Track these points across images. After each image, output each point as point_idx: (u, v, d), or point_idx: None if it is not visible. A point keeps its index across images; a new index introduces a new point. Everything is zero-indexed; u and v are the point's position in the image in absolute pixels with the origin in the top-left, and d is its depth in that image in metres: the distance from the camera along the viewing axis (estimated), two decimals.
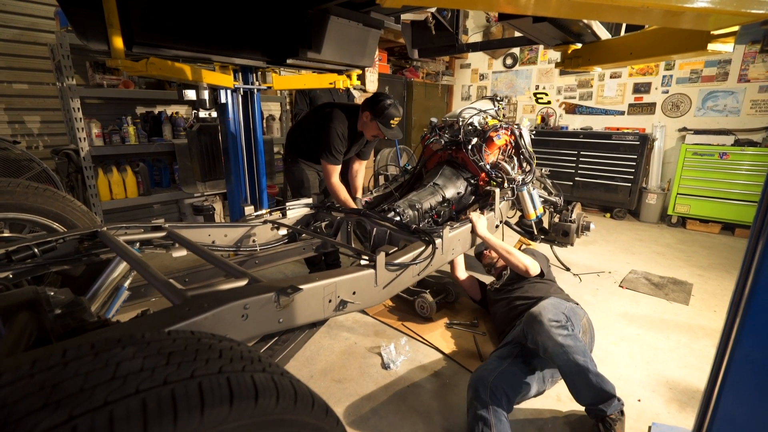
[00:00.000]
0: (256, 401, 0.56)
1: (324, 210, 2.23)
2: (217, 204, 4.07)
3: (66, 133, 3.52)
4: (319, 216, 2.24)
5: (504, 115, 3.29)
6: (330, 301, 1.28)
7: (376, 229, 1.95)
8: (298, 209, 2.21)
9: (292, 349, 1.28)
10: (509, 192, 2.47)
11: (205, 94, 2.25)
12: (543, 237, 2.98)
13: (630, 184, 4.90)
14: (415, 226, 1.85)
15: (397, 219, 2.09)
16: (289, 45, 2.07)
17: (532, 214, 2.70)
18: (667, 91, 5.15)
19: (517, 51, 6.31)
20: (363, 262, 1.45)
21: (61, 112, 3.47)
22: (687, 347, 2.22)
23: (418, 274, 1.66)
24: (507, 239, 2.43)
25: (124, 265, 1.47)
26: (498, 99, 3.11)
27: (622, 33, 2.01)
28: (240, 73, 2.50)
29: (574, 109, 5.91)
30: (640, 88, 5.33)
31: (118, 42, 1.55)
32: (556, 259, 3.25)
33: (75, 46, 2.98)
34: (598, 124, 5.68)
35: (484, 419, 1.46)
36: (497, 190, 2.36)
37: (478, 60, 6.80)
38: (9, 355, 0.71)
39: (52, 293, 0.99)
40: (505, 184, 2.47)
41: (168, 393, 0.50)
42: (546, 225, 3.00)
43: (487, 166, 2.51)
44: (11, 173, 2.92)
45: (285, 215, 2.16)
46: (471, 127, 2.67)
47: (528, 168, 2.69)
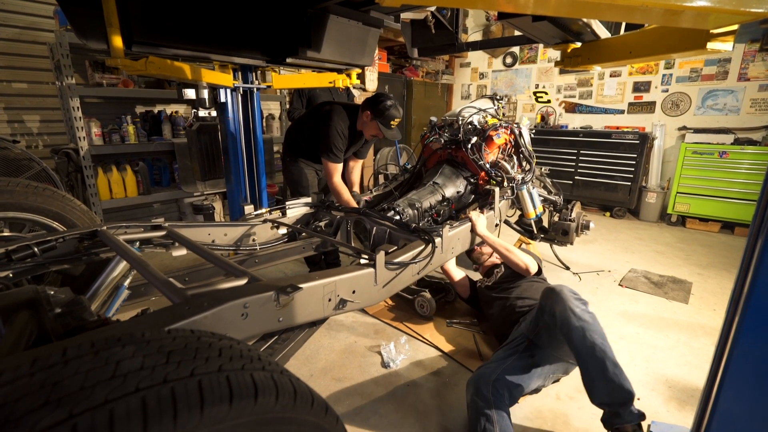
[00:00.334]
0: (256, 399, 0.56)
1: (324, 209, 2.23)
2: (217, 203, 4.07)
3: (65, 133, 3.52)
4: (319, 215, 2.24)
5: (504, 114, 3.30)
6: (329, 300, 1.28)
7: (375, 228, 1.95)
8: (297, 208, 2.21)
9: (291, 348, 1.28)
10: (509, 191, 2.47)
11: (205, 93, 2.25)
12: (543, 236, 2.98)
13: (630, 183, 4.91)
14: (414, 225, 1.85)
15: (397, 218, 2.09)
16: (288, 44, 2.07)
17: (532, 213, 2.70)
18: (666, 90, 5.14)
19: (516, 50, 6.31)
20: (363, 261, 1.45)
21: (61, 112, 3.47)
22: (686, 346, 2.22)
23: (418, 273, 1.66)
24: (506, 238, 2.42)
25: (124, 264, 1.47)
26: (498, 98, 3.10)
27: (622, 32, 2.01)
28: (239, 72, 2.49)
29: (574, 108, 5.91)
30: (640, 87, 5.33)
31: (118, 41, 1.55)
32: (556, 257, 3.25)
33: (74, 45, 2.97)
34: (598, 123, 5.68)
35: (487, 416, 1.45)
36: (497, 189, 2.36)
37: (478, 59, 6.80)
38: (9, 354, 0.71)
39: (52, 292, 0.99)
40: (505, 183, 2.47)
41: (168, 391, 0.50)
42: (546, 224, 3.01)
43: (487, 165, 2.50)
44: (11, 172, 2.92)
45: (285, 214, 2.16)
46: (471, 126, 2.67)
47: (528, 167, 2.69)
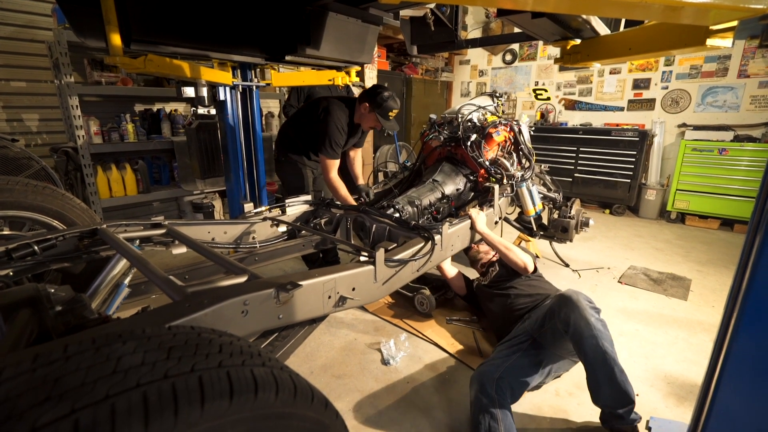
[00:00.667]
0: (256, 395, 0.57)
1: (323, 207, 2.23)
2: (217, 201, 4.07)
3: (64, 131, 3.51)
4: (319, 213, 2.24)
5: (503, 112, 3.29)
6: (329, 297, 1.28)
7: (375, 225, 1.96)
8: (297, 206, 2.22)
9: (291, 345, 1.28)
10: (508, 188, 2.47)
11: (204, 92, 2.25)
12: (542, 233, 2.98)
13: (629, 180, 4.91)
14: (414, 223, 1.85)
15: (397, 215, 2.09)
16: (287, 41, 2.07)
17: (532, 211, 2.70)
18: (666, 87, 5.13)
19: (516, 47, 6.29)
20: (362, 259, 1.46)
21: (60, 110, 3.46)
22: (685, 342, 2.23)
23: (418, 271, 1.67)
24: (506, 235, 2.43)
25: (124, 263, 1.47)
26: (497, 95, 3.10)
27: (621, 29, 2.00)
28: (238, 70, 2.49)
29: (574, 105, 5.90)
30: (640, 84, 5.32)
31: (116, 39, 1.55)
32: (556, 255, 3.26)
33: (73, 43, 2.96)
34: (598, 120, 5.68)
35: (491, 413, 1.45)
36: (496, 187, 2.36)
37: (478, 56, 6.79)
38: (11, 352, 0.71)
39: (53, 290, 0.99)
40: (504, 181, 2.47)
41: (169, 387, 0.50)
42: (545, 221, 3.01)
43: (486, 163, 2.51)
44: (10, 171, 2.91)
45: (284, 212, 2.16)
46: (470, 123, 2.67)
47: (527, 164, 2.69)
